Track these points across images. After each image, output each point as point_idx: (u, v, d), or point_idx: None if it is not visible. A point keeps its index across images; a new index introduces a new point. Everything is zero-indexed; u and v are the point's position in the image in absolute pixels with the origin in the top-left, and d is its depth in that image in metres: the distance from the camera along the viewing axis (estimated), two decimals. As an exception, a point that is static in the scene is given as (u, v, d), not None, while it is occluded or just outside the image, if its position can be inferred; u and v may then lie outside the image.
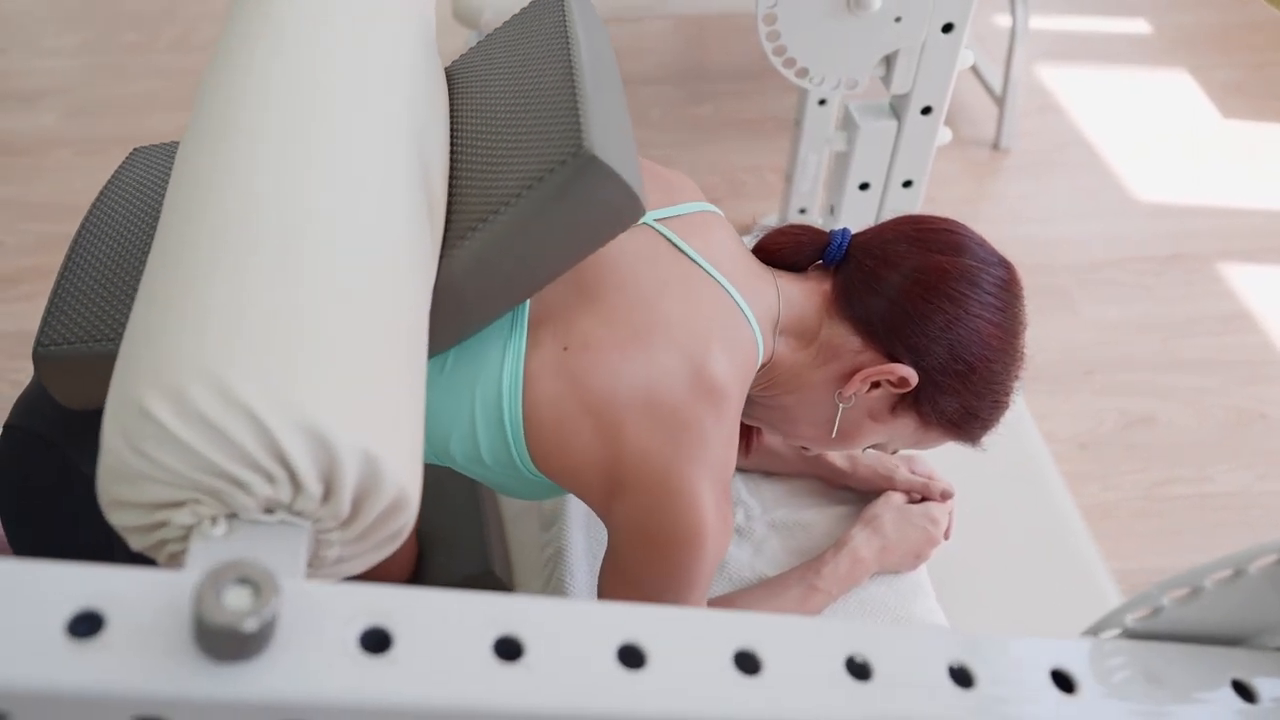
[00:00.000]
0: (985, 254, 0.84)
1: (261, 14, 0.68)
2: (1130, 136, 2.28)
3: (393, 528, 0.53)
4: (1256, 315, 1.88)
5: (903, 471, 1.07)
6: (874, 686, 0.43)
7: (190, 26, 2.50)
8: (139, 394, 0.48)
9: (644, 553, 0.78)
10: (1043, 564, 1.35)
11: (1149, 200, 2.12)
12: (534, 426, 0.77)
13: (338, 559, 0.53)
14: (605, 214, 0.71)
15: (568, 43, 0.78)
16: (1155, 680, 0.47)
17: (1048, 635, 0.48)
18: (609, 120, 0.73)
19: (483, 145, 0.76)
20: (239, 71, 0.65)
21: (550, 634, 0.41)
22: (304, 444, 0.47)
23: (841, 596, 1.00)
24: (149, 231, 0.79)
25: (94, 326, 0.72)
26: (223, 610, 0.36)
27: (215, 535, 0.48)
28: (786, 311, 0.86)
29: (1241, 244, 2.02)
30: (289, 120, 0.61)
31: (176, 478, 0.47)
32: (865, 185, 1.31)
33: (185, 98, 2.27)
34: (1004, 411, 0.88)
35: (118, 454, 0.48)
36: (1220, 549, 1.63)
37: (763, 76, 2.40)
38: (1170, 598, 0.48)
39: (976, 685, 0.44)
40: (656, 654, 0.41)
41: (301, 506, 0.49)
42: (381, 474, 0.50)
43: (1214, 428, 1.69)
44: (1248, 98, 2.39)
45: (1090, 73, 2.46)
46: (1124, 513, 1.56)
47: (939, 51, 1.17)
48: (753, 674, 0.41)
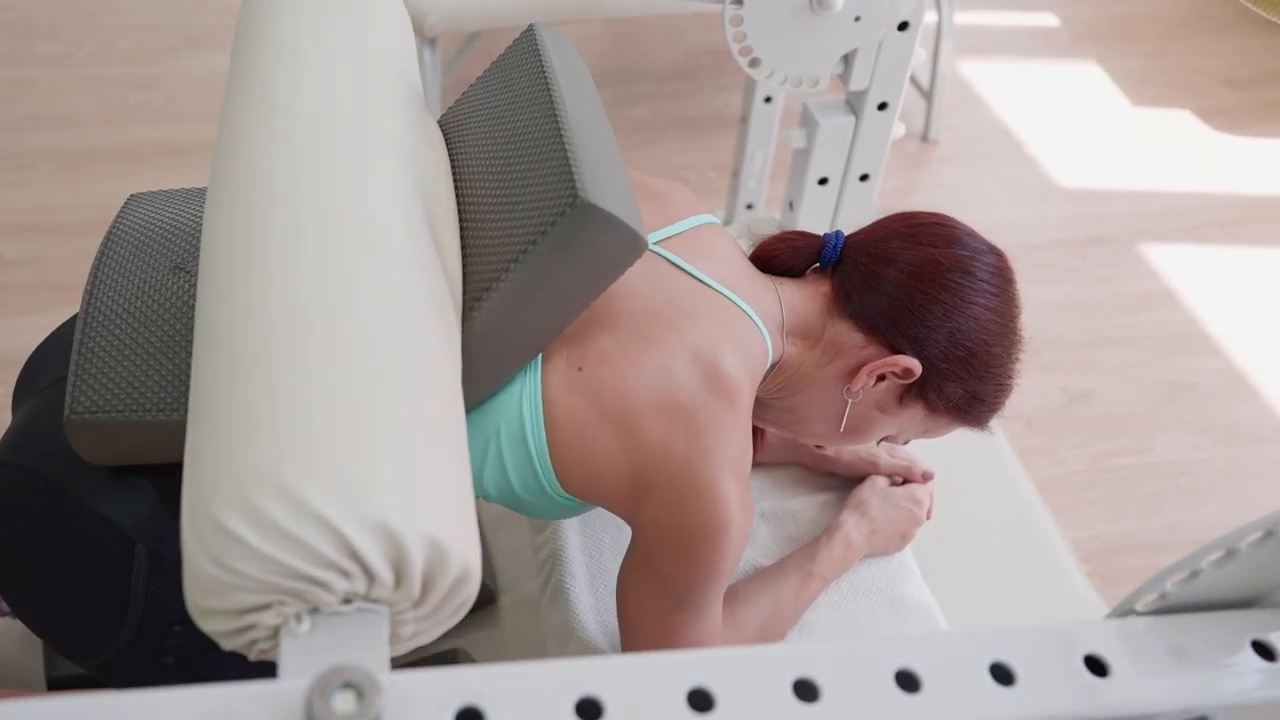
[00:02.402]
0: (976, 243, 0.88)
1: (267, 108, 0.71)
2: (1048, 126, 2.38)
3: (460, 599, 0.57)
4: (1176, 292, 1.99)
5: (884, 456, 1.11)
6: (923, 696, 0.45)
7: (111, 37, 2.42)
8: (214, 511, 0.52)
9: (672, 550, 0.79)
10: (1006, 539, 1.40)
11: (1069, 186, 2.22)
12: (558, 446, 0.79)
13: (413, 634, 0.58)
14: (610, 255, 0.74)
15: (549, 89, 0.79)
16: (1181, 653, 0.50)
17: (1018, 605, 0.51)
18: (599, 161, 0.75)
19: (485, 203, 0.78)
20: (259, 172, 0.68)
21: (623, 688, 0.43)
22: (372, 539, 0.52)
23: (835, 580, 1.04)
24: (161, 287, 0.81)
25: (125, 395, 0.74)
26: (333, 715, 0.38)
27: (302, 632, 0.52)
28: (790, 315, 0.89)
29: (1157, 225, 2.13)
30: (321, 223, 0.64)
31: (259, 585, 0.51)
32: (824, 180, 1.35)
33: (111, 110, 2.20)
34: (1008, 394, 0.91)
35: (202, 568, 0.52)
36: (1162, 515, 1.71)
37: (696, 75, 2.44)
38: (1173, 582, 0.51)
39: (1017, 682, 0.47)
40: (723, 696, 0.44)
41: (377, 594, 0.54)
42: (445, 554, 0.54)
43: (1149, 400, 1.78)
44: (1152, 85, 2.51)
45: (1006, 66, 2.56)
46: (1072, 485, 1.64)
47: (895, 49, 1.21)
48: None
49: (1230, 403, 1.78)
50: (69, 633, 0.82)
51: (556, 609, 1.01)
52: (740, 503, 0.78)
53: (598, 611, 1.00)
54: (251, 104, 0.72)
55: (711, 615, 0.84)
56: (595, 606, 1.01)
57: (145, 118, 2.20)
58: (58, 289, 1.83)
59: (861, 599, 1.04)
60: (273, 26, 0.79)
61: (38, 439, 0.81)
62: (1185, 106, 2.45)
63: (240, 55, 0.80)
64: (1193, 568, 0.50)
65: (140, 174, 2.06)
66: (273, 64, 0.75)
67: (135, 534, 0.77)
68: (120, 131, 2.16)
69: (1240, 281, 2.02)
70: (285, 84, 0.73)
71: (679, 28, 2.57)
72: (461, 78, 2.10)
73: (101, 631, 0.80)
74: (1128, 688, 0.48)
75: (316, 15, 0.81)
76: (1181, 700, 0.48)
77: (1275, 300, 1.99)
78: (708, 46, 2.53)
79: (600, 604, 1.01)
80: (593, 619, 0.99)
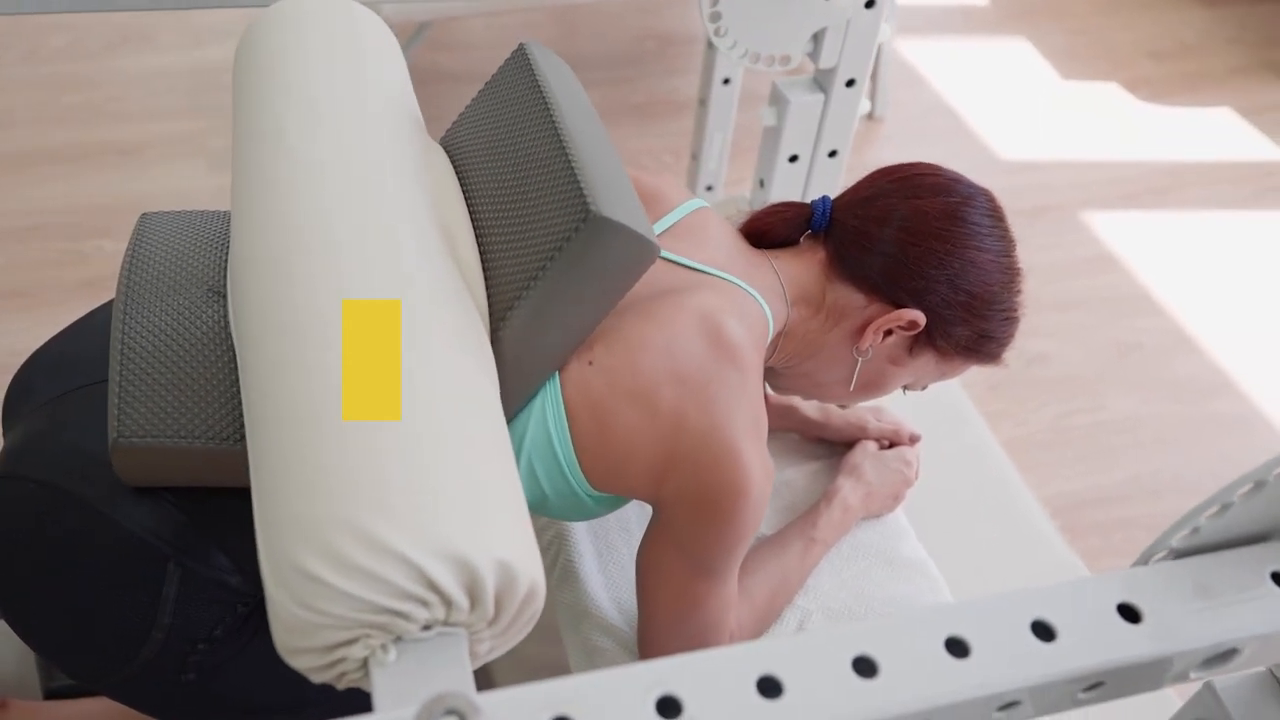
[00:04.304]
0: (963, 188, 0.90)
1: (285, 155, 0.75)
2: (984, 101, 2.45)
3: (530, 612, 0.61)
4: (1118, 256, 2.07)
5: (872, 420, 1.14)
6: (974, 659, 0.48)
7: (38, 40, 2.34)
8: (295, 556, 0.55)
9: (695, 518, 0.81)
10: (979, 499, 1.45)
11: (1010, 159, 2.29)
12: (581, 440, 0.81)
13: (489, 650, 0.62)
14: (624, 264, 0.77)
15: (548, 108, 0.82)
16: (1205, 591, 0.53)
17: (996, 560, 0.54)
18: (603, 173, 0.77)
19: (497, 227, 0.80)
20: (289, 224, 0.71)
21: (697, 682, 0.46)
22: (447, 569, 0.55)
23: (835, 544, 1.07)
24: (197, 311, 0.82)
25: (173, 421, 0.75)
26: None
27: (389, 661, 0.55)
28: (789, 284, 0.91)
29: (1097, 193, 2.21)
30: (360, 265, 0.68)
31: (345, 622, 0.55)
32: (794, 158, 1.37)
33: (47, 110, 2.14)
34: (1015, 325, 0.93)
35: (289, 611, 0.55)
36: (1120, 468, 1.78)
37: (643, 61, 2.45)
38: (1206, 516, 0.54)
39: (1058, 637, 0.50)
40: (791, 683, 0.47)
41: (455, 619, 0.57)
42: (514, 573, 0.58)
43: (1100, 360, 1.85)
44: (1080, 60, 2.60)
45: (941, 44, 2.62)
46: (1035, 444, 1.70)
47: (862, 27, 1.24)
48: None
49: (1175, 359, 1.87)
50: (86, 652, 0.80)
51: (567, 588, 1.02)
52: (760, 464, 0.80)
53: (609, 589, 1.02)
54: (269, 151, 0.75)
55: (731, 583, 0.86)
56: (606, 585, 1.02)
57: (84, 118, 2.14)
58: (9, 295, 1.77)
59: (861, 561, 1.07)
60: (279, 70, 0.82)
61: (52, 453, 0.80)
62: (1112, 79, 2.54)
63: (247, 99, 0.83)
64: (1224, 501, 0.54)
65: (84, 175, 2.00)
66: (285, 109, 0.78)
67: (168, 550, 0.76)
68: (58, 132, 2.10)
69: (1177, 243, 2.11)
70: (300, 129, 0.76)
71: (620, 14, 2.58)
72: (412, 67, 2.08)
73: (121, 651, 0.79)
74: (1161, 630, 0.51)
75: (320, 53, 0.84)
76: (1212, 636, 0.51)
77: (1210, 260, 2.09)
78: (652, 31, 2.54)
79: (611, 581, 1.03)
80: (605, 596, 1.01)
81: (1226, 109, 2.46)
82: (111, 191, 1.97)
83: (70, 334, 0.90)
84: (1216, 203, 2.21)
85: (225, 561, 0.78)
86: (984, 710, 0.49)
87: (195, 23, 2.41)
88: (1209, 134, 2.39)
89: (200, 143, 2.10)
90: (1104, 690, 0.51)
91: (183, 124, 2.14)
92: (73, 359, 0.86)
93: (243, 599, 0.80)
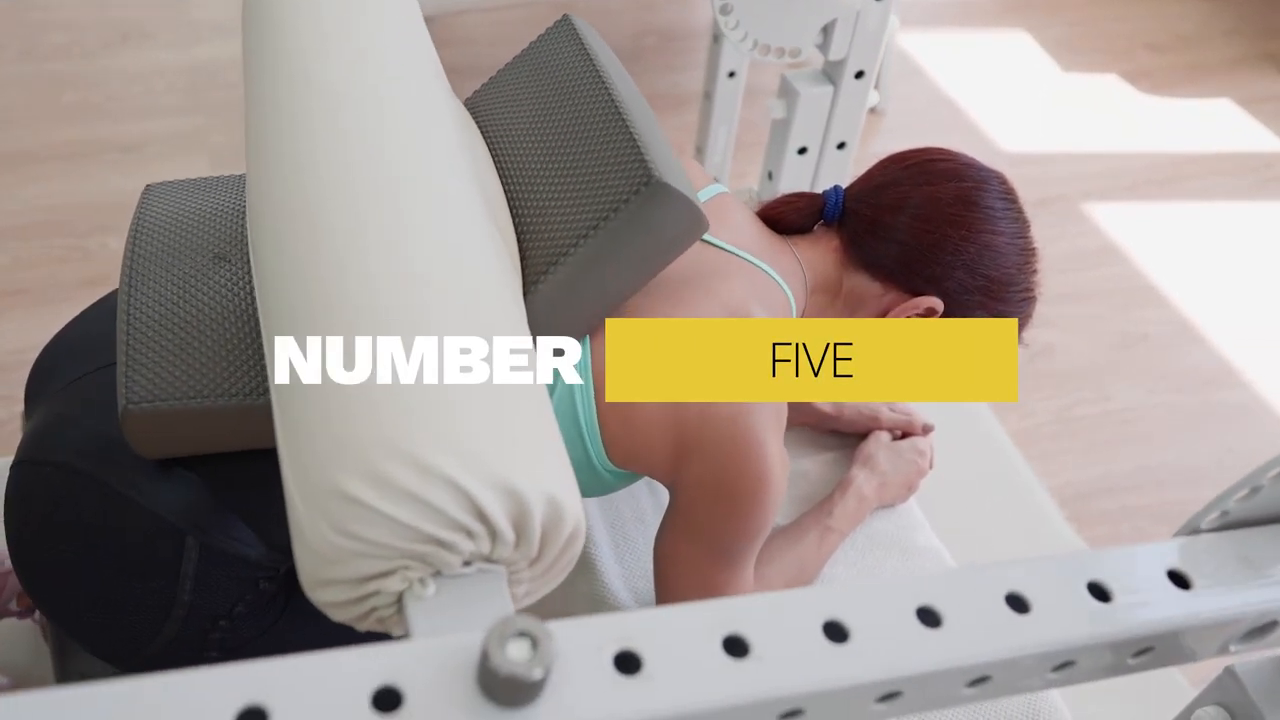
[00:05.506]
0: (974, 172, 0.90)
1: (309, 91, 0.70)
2: (986, 94, 2.45)
3: (570, 555, 0.58)
4: (1121, 248, 2.07)
5: (885, 411, 1.15)
6: (1032, 618, 0.48)
7: (36, 38, 2.33)
8: (335, 478, 0.51)
9: (714, 506, 0.81)
10: (989, 490, 1.46)
11: (1012, 151, 2.29)
12: (605, 415, 0.80)
13: (526, 594, 0.58)
14: (675, 232, 0.76)
15: (600, 76, 0.81)
16: (1249, 563, 0.53)
17: (1008, 550, 0.54)
18: (660, 146, 0.77)
19: (537, 184, 0.79)
20: (313, 160, 0.66)
21: (765, 623, 0.45)
22: (498, 498, 0.52)
23: (850, 534, 1.07)
24: (202, 276, 0.80)
25: (180, 382, 0.74)
26: (510, 662, 0.39)
27: (428, 595, 0.52)
28: (809, 272, 0.91)
29: (1098, 185, 2.22)
30: (388, 199, 0.64)
31: (386, 550, 0.51)
32: (803, 150, 1.37)
33: (45, 109, 2.13)
34: (1034, 304, 0.93)
35: (323, 538, 0.51)
36: (1127, 459, 1.78)
37: (640, 56, 2.45)
38: (1236, 499, 0.54)
39: (1113, 599, 0.50)
40: (856, 626, 0.46)
41: (498, 555, 0.54)
42: (562, 510, 0.55)
43: (1105, 351, 1.85)
44: (1080, 52, 2.60)
45: (941, 38, 2.62)
46: (1042, 435, 1.71)
47: (871, 18, 1.24)
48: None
49: (1179, 350, 1.87)
50: (110, 631, 0.80)
51: (583, 579, 1.02)
52: (779, 454, 0.81)
53: (626, 579, 1.02)
54: (290, 87, 0.70)
55: (748, 572, 0.86)
56: (623, 575, 1.02)
57: (84, 115, 2.13)
58: (12, 293, 1.77)
59: (877, 550, 1.08)
60: (290, 11, 0.77)
61: (70, 436, 0.79)
62: (1112, 71, 2.55)
63: (259, 38, 0.78)
64: (1254, 484, 0.54)
65: (85, 173, 1.99)
66: (305, 45, 0.73)
67: (185, 526, 0.76)
68: (58, 130, 2.09)
69: (1180, 234, 2.12)
70: (322, 64, 0.71)
71: (620, 10, 2.58)
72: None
73: (145, 628, 0.79)
74: (1210, 598, 0.51)
75: None
76: (1258, 605, 0.52)
77: (1213, 251, 2.09)
78: (651, 27, 2.54)
79: (627, 571, 1.03)
80: (622, 586, 1.01)
81: (1226, 100, 2.47)
82: (113, 188, 1.96)
83: (92, 315, 0.90)
84: (1217, 194, 2.22)
85: (247, 533, 0.78)
86: (1043, 667, 0.49)
87: (194, 20, 2.40)
88: (1209, 125, 2.40)
89: (201, 139, 2.09)
90: (1150, 657, 0.51)
91: (183, 121, 2.14)
92: (94, 340, 0.85)
93: (265, 573, 0.79)
